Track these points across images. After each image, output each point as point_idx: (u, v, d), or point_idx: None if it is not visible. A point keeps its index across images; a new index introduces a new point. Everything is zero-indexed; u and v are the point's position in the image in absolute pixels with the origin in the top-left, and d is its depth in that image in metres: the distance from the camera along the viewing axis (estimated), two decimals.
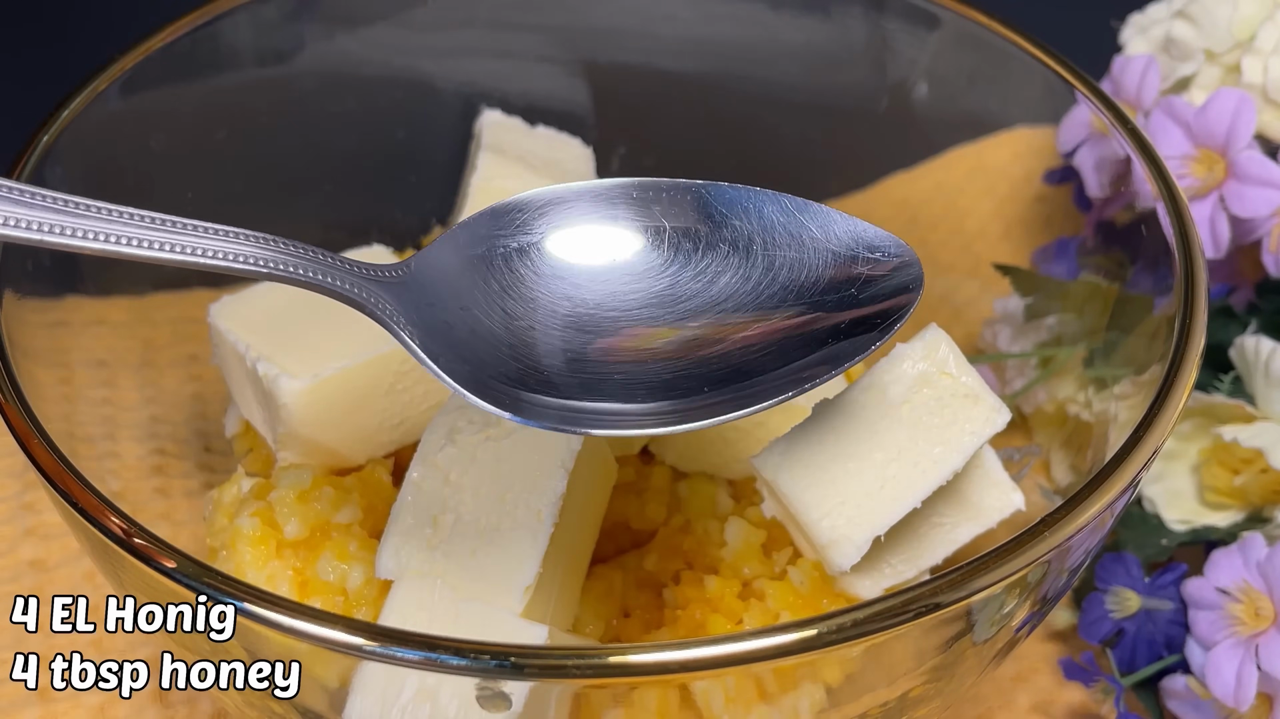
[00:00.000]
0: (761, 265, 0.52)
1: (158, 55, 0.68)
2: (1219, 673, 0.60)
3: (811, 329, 0.52)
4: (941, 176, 0.83)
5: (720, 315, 0.52)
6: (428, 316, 0.50)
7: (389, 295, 0.49)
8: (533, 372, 0.50)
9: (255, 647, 0.49)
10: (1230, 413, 0.67)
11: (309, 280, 0.48)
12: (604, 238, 0.53)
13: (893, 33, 0.77)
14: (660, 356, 0.51)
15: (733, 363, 0.51)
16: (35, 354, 0.60)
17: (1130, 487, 0.51)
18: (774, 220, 0.53)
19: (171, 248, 0.46)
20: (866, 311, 0.51)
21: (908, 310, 0.51)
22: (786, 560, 0.60)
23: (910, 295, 0.51)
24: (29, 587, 0.68)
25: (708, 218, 0.53)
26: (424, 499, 0.55)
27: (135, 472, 0.67)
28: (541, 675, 0.45)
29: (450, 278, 0.51)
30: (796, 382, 0.50)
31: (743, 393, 0.51)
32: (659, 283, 0.52)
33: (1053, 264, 0.75)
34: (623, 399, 0.50)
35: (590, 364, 0.51)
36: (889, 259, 0.52)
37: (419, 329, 0.49)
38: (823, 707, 0.54)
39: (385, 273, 0.50)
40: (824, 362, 0.51)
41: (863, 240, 0.52)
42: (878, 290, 0.52)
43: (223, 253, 0.47)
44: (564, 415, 0.50)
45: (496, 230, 0.52)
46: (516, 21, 0.79)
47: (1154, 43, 0.76)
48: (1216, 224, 0.68)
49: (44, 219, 0.45)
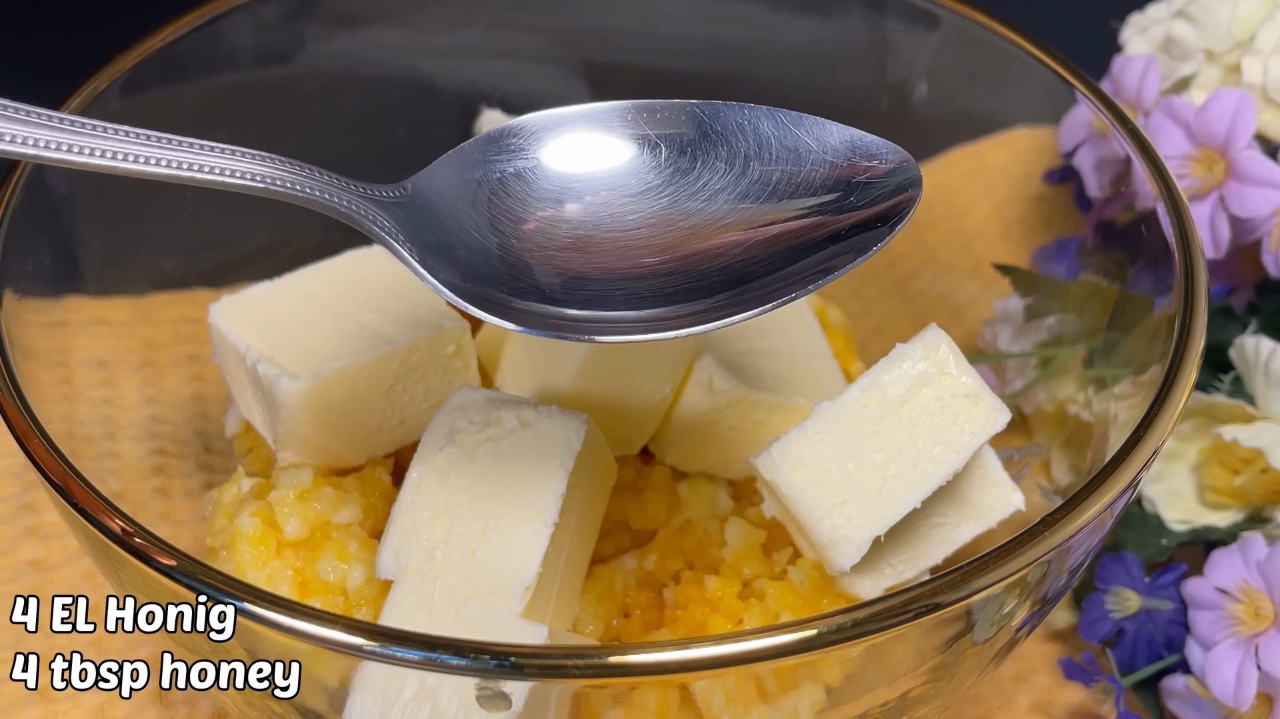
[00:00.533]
0: (759, 179, 0.52)
1: (158, 55, 0.68)
2: (1219, 673, 0.60)
3: (813, 235, 0.51)
4: (941, 176, 0.83)
5: (721, 229, 0.51)
6: (425, 236, 0.50)
7: (386, 214, 0.49)
8: (532, 289, 0.50)
9: (255, 647, 0.49)
10: (1230, 413, 0.67)
11: (306, 196, 0.48)
12: (601, 159, 0.53)
13: (893, 33, 0.77)
14: (661, 271, 0.51)
15: (734, 273, 0.51)
16: (35, 354, 0.60)
17: (1130, 487, 0.51)
18: (770, 134, 0.52)
19: (168, 163, 0.45)
20: (868, 213, 0.51)
21: (911, 206, 0.51)
22: (786, 560, 0.60)
23: (912, 193, 0.51)
24: (29, 587, 0.68)
25: (704, 136, 0.53)
26: (424, 499, 0.55)
27: (135, 472, 0.67)
28: (541, 675, 0.45)
29: (448, 200, 0.51)
30: (802, 282, 0.50)
31: (745, 296, 0.50)
32: (658, 201, 0.52)
33: (1053, 264, 0.75)
34: (622, 309, 0.50)
35: (591, 281, 0.51)
36: (885, 163, 0.52)
37: (416, 247, 0.49)
38: (823, 707, 0.54)
39: (383, 193, 0.50)
40: (830, 260, 0.50)
41: (859, 147, 0.52)
42: (878, 193, 0.51)
43: (220, 168, 0.46)
44: (561, 324, 0.49)
45: (493, 155, 0.52)
46: (516, 21, 0.79)
47: (1154, 43, 0.76)
48: (1216, 224, 0.68)
49: (41, 135, 0.44)
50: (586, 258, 0.51)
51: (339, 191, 0.48)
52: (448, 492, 0.55)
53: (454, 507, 0.55)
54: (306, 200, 0.48)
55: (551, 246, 0.51)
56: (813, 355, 0.68)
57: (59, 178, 0.63)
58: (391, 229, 0.49)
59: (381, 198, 0.49)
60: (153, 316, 0.74)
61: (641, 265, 0.51)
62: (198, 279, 0.75)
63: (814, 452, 0.55)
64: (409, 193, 0.50)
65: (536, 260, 0.51)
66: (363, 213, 0.49)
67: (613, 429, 0.63)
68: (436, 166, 0.51)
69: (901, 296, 0.81)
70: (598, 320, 0.50)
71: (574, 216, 0.51)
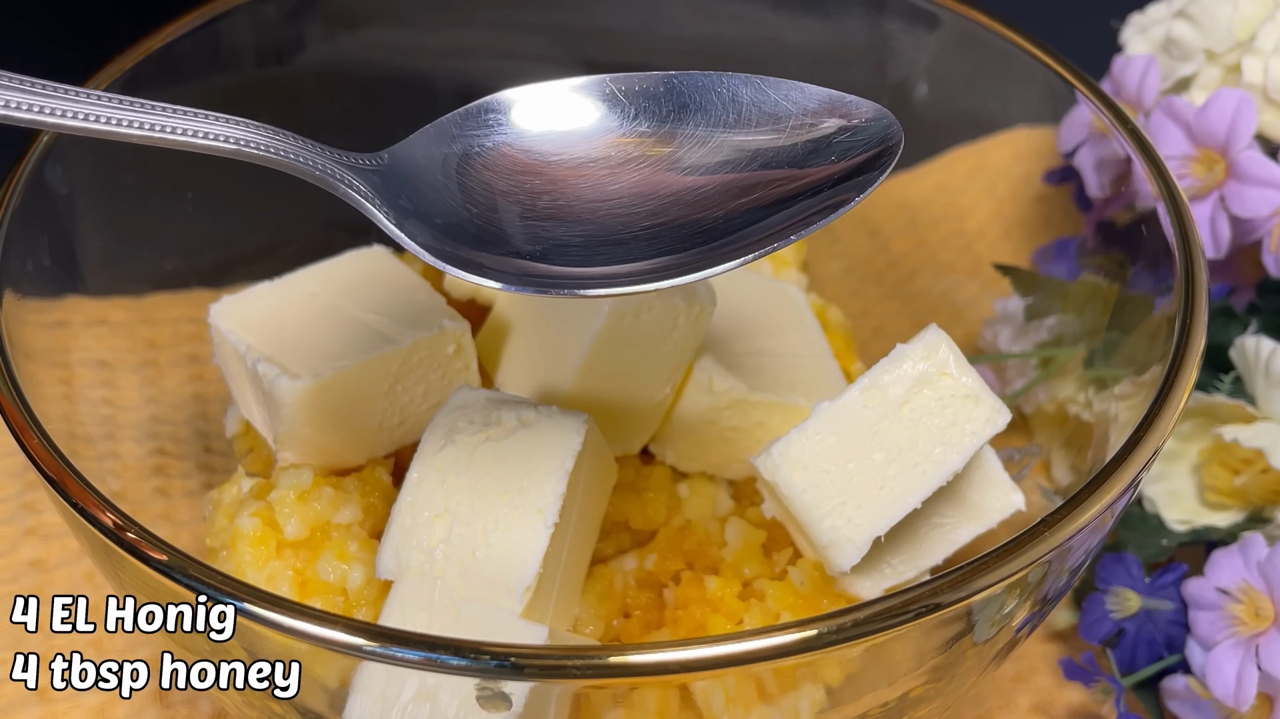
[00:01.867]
0: (739, 142, 0.52)
1: (158, 55, 0.68)
2: (1219, 673, 0.60)
3: (796, 188, 0.51)
4: (942, 176, 0.83)
5: (703, 192, 0.51)
6: (402, 203, 0.50)
7: (362, 180, 0.49)
8: (511, 254, 0.50)
9: (255, 647, 0.49)
10: (1231, 413, 0.67)
11: (279, 159, 0.48)
12: (580, 130, 0.52)
13: (893, 33, 0.77)
14: (644, 235, 0.50)
15: (719, 230, 0.50)
16: (36, 354, 0.60)
17: (1131, 487, 0.51)
18: (748, 99, 0.52)
19: (138, 125, 0.46)
20: (853, 163, 0.51)
21: (895, 154, 0.50)
22: (787, 561, 0.60)
23: (893, 142, 0.51)
24: (29, 587, 0.68)
25: (682, 106, 0.53)
26: (424, 499, 0.55)
27: (135, 472, 0.67)
28: (541, 676, 0.45)
29: (426, 170, 0.51)
30: (786, 232, 0.50)
31: (730, 247, 0.50)
32: (639, 171, 0.52)
33: (1053, 264, 0.75)
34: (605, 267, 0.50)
35: (573, 248, 0.50)
36: (864, 119, 0.52)
37: (393, 211, 0.49)
38: (823, 707, 0.54)
39: (360, 160, 0.50)
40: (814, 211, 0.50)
41: (837, 105, 0.52)
42: (859, 144, 0.51)
43: (191, 130, 0.46)
44: (541, 281, 0.49)
45: (471, 128, 0.52)
46: (516, 21, 0.79)
47: (1154, 43, 0.76)
48: (1217, 224, 0.68)
49: (10, 97, 0.44)
50: (568, 227, 0.51)
51: (313, 155, 0.48)
52: (448, 492, 0.55)
53: (454, 507, 0.55)
54: (279, 162, 0.47)
55: (532, 217, 0.51)
56: (813, 355, 0.68)
57: (60, 178, 0.63)
58: (367, 193, 0.49)
59: (358, 164, 0.50)
60: (153, 317, 0.74)
61: (624, 232, 0.50)
62: (198, 279, 0.75)
63: (814, 452, 0.55)
64: (386, 162, 0.50)
65: (516, 230, 0.50)
66: (337, 176, 0.49)
67: (613, 429, 0.63)
68: (415, 138, 0.52)
69: (902, 296, 0.81)
70: (579, 277, 0.49)
71: (554, 187, 0.51)
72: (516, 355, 0.66)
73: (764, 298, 0.69)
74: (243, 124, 0.47)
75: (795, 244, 0.75)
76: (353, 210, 0.79)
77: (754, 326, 0.67)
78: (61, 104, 0.45)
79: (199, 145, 0.46)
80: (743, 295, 0.68)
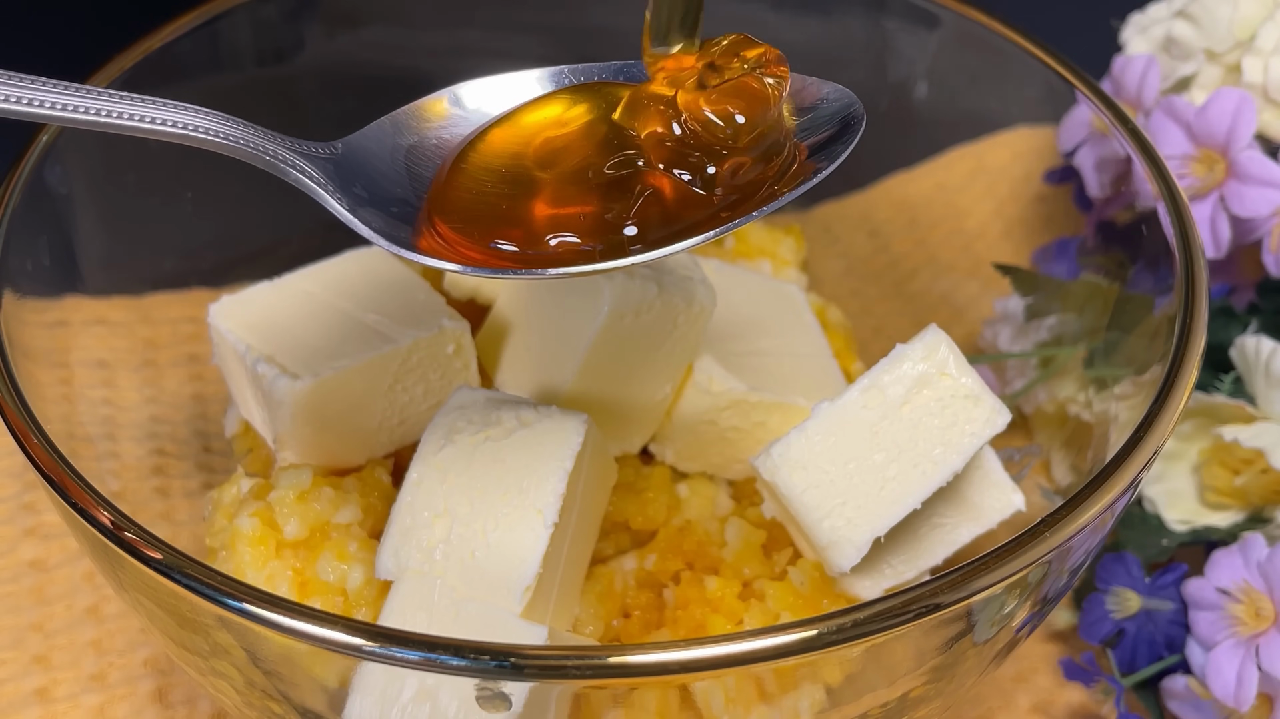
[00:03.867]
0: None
1: (158, 55, 0.68)
2: (1219, 673, 0.60)
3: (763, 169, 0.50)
4: (942, 176, 0.83)
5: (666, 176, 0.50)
6: (356, 190, 0.50)
7: (315, 167, 0.49)
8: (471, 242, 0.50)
9: (255, 647, 0.49)
10: (1231, 413, 0.67)
11: (233, 146, 0.48)
12: (541, 121, 0.52)
13: (893, 33, 0.77)
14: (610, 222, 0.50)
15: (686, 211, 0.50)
16: (35, 354, 0.60)
17: (1131, 487, 0.51)
18: None
19: (96, 112, 0.46)
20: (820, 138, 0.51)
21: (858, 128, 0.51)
22: (787, 561, 0.60)
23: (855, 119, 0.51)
24: (29, 587, 0.68)
25: None
26: (423, 499, 0.55)
27: (135, 472, 0.67)
28: (541, 676, 0.45)
29: (382, 161, 0.51)
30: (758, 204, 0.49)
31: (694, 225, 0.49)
32: (602, 157, 0.50)
33: (1053, 264, 0.75)
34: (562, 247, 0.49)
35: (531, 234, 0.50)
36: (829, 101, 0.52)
37: (347, 198, 0.49)
38: (823, 707, 0.54)
39: (314, 149, 0.50)
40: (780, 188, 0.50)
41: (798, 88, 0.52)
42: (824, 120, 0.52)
43: (148, 118, 0.46)
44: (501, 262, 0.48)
45: (425, 123, 0.52)
46: (515, 21, 0.79)
47: (1154, 42, 0.76)
48: (1217, 224, 0.68)
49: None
50: (529, 218, 0.50)
51: (263, 141, 0.49)
52: (447, 492, 0.55)
53: (454, 507, 0.55)
54: (228, 148, 0.48)
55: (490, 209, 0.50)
56: (813, 355, 0.68)
57: (59, 178, 0.63)
58: (320, 180, 0.49)
59: (312, 153, 0.50)
60: (152, 317, 0.74)
61: (589, 219, 0.50)
62: (197, 279, 0.75)
63: (814, 453, 0.55)
64: (340, 151, 0.51)
65: (475, 218, 0.50)
66: (288, 162, 0.49)
67: (613, 429, 0.63)
68: (366, 132, 0.52)
69: (902, 297, 0.81)
70: (536, 258, 0.49)
71: (513, 178, 0.51)
72: (516, 355, 0.66)
73: (764, 298, 0.69)
74: (193, 110, 0.47)
75: (795, 245, 0.75)
76: None
77: (754, 327, 0.67)
78: (19, 92, 0.45)
79: (146, 130, 0.46)
80: (743, 295, 0.68)
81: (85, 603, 0.67)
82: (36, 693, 0.64)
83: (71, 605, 0.67)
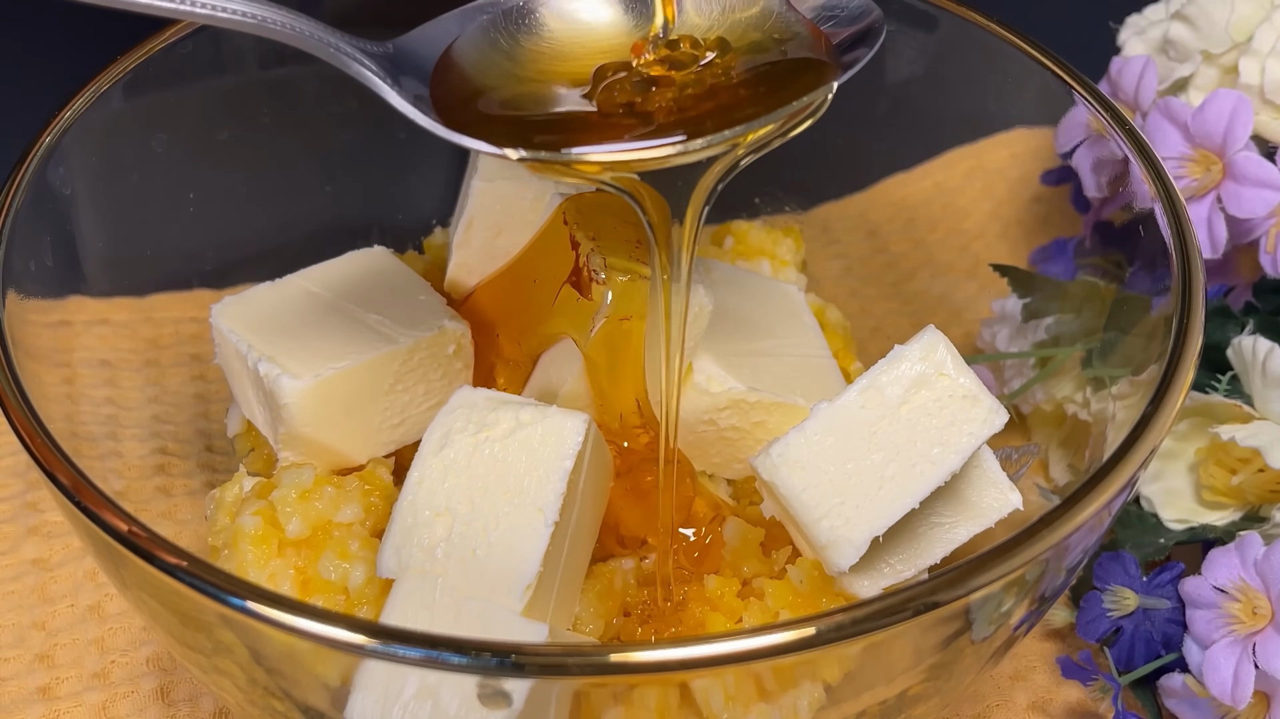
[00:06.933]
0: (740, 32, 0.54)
1: (159, 56, 0.68)
2: (1216, 671, 0.60)
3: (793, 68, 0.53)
4: (941, 177, 0.84)
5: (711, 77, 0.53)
6: (409, 86, 0.52)
7: (371, 61, 0.51)
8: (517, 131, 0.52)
9: (257, 645, 0.49)
10: (1227, 412, 0.67)
11: (306, 38, 0.50)
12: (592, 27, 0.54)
13: (892, 33, 0.77)
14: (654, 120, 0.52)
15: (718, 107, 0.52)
16: (38, 354, 0.60)
17: (1128, 486, 0.51)
18: None
19: (191, 1, 0.48)
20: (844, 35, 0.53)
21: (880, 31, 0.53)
22: (786, 559, 0.60)
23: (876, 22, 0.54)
24: (32, 585, 0.68)
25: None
26: (425, 499, 0.56)
27: (138, 471, 0.67)
28: (542, 674, 0.45)
29: (433, 54, 0.53)
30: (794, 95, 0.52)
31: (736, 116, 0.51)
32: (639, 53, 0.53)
33: (1051, 264, 0.75)
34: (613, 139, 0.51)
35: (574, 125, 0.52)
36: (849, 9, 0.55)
37: (400, 91, 0.51)
38: (822, 705, 0.54)
39: (372, 46, 0.52)
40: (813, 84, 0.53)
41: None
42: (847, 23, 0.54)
43: (232, 10, 0.49)
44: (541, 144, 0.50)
45: (482, 14, 0.55)
46: None
47: (1152, 44, 0.76)
48: (1214, 224, 0.68)
49: None
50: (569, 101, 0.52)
51: (329, 37, 0.51)
52: (448, 491, 0.56)
53: (455, 506, 0.55)
54: (301, 41, 0.50)
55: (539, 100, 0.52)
56: (812, 355, 0.68)
57: (62, 178, 0.63)
58: (378, 71, 0.51)
59: (368, 48, 0.52)
60: (155, 317, 0.74)
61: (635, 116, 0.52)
62: (200, 279, 0.75)
63: (813, 453, 0.55)
64: (393, 49, 0.53)
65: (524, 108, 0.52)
66: (353, 57, 0.51)
67: None
68: (423, 30, 0.54)
69: (900, 297, 0.81)
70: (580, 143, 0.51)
71: (560, 71, 0.53)
72: None
73: (763, 298, 0.69)
74: (266, 4, 0.50)
75: (794, 245, 0.76)
76: (354, 210, 0.79)
77: (753, 327, 0.67)
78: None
79: (224, 20, 0.48)
80: (742, 295, 0.68)
81: (88, 601, 0.67)
82: (39, 691, 0.64)
83: (74, 604, 0.67)
